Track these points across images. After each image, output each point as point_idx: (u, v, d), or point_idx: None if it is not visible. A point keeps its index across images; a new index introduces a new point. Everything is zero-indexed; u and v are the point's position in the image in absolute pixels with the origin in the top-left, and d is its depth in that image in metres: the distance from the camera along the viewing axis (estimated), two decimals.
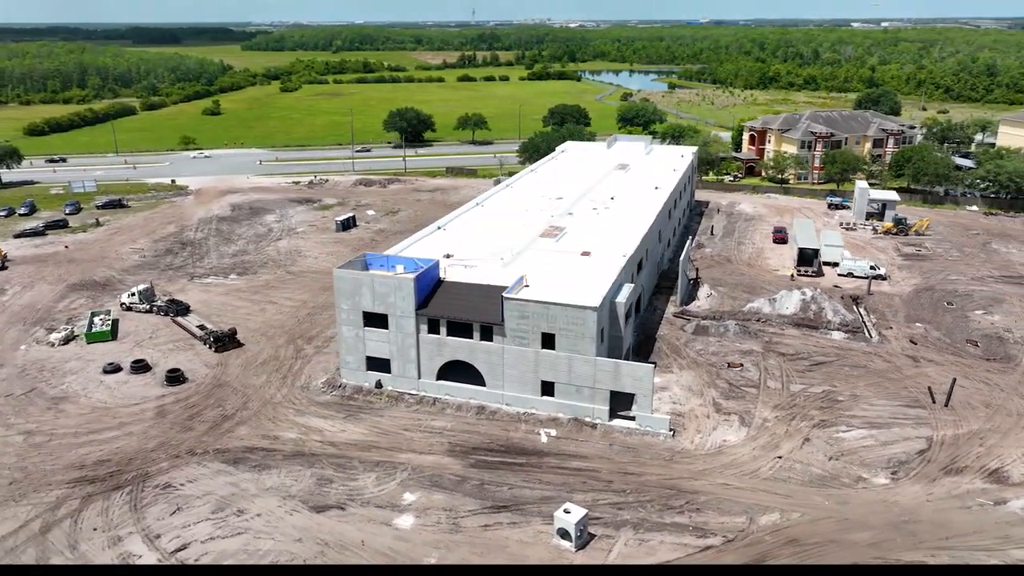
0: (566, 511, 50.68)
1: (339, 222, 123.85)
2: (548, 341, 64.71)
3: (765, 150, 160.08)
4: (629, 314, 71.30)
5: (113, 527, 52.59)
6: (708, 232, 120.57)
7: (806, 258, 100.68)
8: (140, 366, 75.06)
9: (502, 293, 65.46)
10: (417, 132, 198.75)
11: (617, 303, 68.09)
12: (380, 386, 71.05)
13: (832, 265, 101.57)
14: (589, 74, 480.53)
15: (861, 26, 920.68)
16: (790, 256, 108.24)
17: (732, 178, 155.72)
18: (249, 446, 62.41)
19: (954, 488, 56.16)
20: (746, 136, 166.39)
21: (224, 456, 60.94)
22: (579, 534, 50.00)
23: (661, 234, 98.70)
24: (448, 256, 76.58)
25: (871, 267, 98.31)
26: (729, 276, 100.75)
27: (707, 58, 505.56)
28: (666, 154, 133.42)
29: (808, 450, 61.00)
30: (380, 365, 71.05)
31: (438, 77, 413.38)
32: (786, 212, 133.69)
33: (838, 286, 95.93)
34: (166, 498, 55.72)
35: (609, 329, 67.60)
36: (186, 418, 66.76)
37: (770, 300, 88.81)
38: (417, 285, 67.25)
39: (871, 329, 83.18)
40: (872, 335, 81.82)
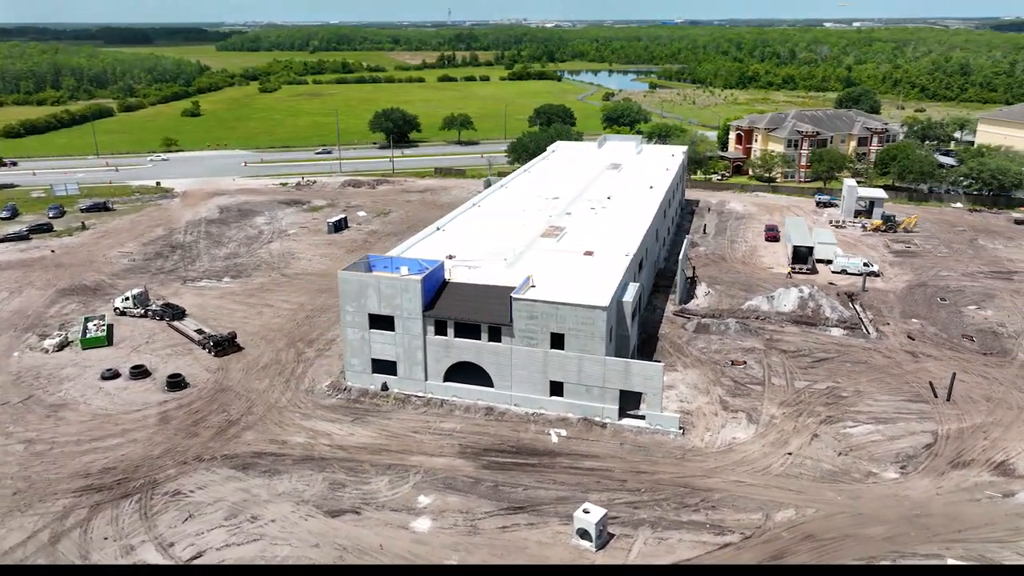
0: (585, 511, 50.67)
1: (331, 224, 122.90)
2: (557, 341, 64.68)
3: (752, 149, 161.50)
4: (634, 313, 71.54)
5: (124, 536, 51.68)
6: (701, 231, 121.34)
7: (800, 256, 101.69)
8: (139, 372, 73.87)
9: (511, 294, 65.32)
10: (403, 133, 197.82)
11: (624, 302, 68.27)
12: (386, 388, 70.58)
13: (825, 263, 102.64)
14: (568, 74, 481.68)
15: (833, 26, 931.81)
16: (783, 254, 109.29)
17: (720, 177, 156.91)
18: (257, 451, 61.67)
19: (962, 481, 56.99)
20: (732, 135, 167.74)
21: (233, 462, 60.15)
22: (599, 534, 50.04)
23: (658, 233, 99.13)
24: (450, 257, 76.25)
25: (864, 264, 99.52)
26: (725, 274, 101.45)
27: (685, 58, 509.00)
28: (657, 153, 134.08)
29: (817, 446, 61.58)
30: (386, 367, 70.56)
31: (418, 77, 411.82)
32: (775, 210, 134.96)
33: (833, 283, 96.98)
34: (176, 505, 54.89)
35: (616, 328, 67.74)
36: (190, 424, 65.81)
37: (768, 298, 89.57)
38: (424, 286, 66.90)
39: (868, 325, 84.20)
40: (870, 331, 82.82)
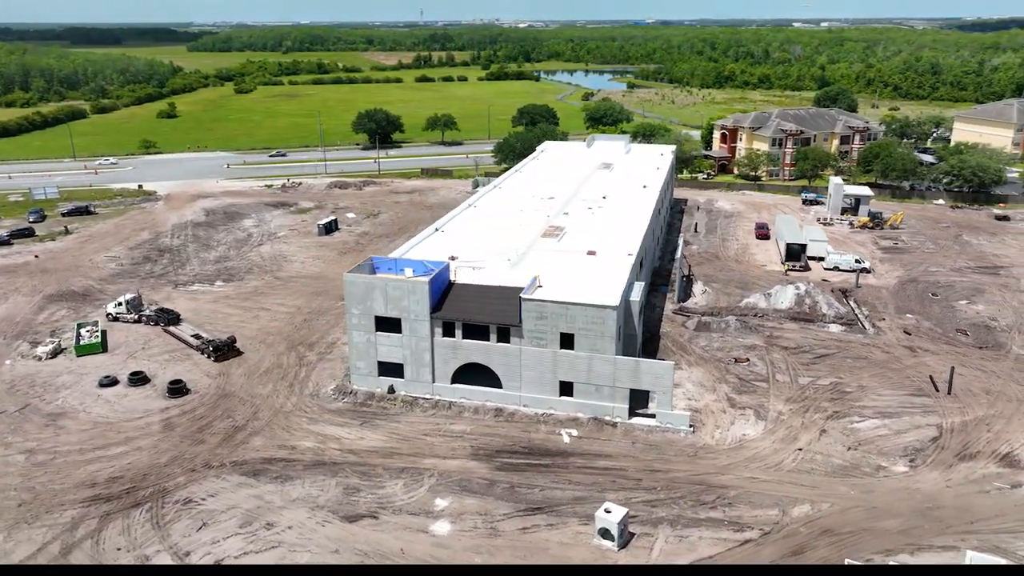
0: (607, 511, 50.70)
1: (321, 226, 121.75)
2: (567, 341, 64.67)
3: (737, 148, 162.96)
4: (640, 312, 71.76)
5: (138, 546, 50.71)
6: (692, 229, 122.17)
7: (793, 253, 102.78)
8: (138, 378, 72.52)
9: (520, 294, 65.18)
10: (386, 134, 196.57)
11: (632, 301, 68.48)
12: (393, 391, 70.05)
13: (817, 260, 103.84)
14: (545, 74, 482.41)
15: (802, 26, 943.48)
16: (775, 251, 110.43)
17: (706, 176, 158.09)
18: (267, 457, 60.86)
19: (970, 473, 57.95)
20: (717, 134, 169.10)
21: (243, 468, 59.31)
22: (621, 533, 50.09)
23: (653, 232, 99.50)
24: (453, 258, 75.84)
25: (856, 261, 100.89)
26: (720, 272, 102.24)
27: (660, 58, 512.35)
28: (645, 153, 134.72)
29: (826, 441, 62.24)
30: (392, 370, 70.03)
31: (396, 78, 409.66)
32: (763, 208, 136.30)
33: (826, 280, 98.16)
34: (189, 514, 53.97)
35: (624, 328, 67.89)
36: (196, 430, 64.76)
37: (765, 295, 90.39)
38: (431, 288, 66.50)
39: (865, 321, 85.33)
40: (866, 327, 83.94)
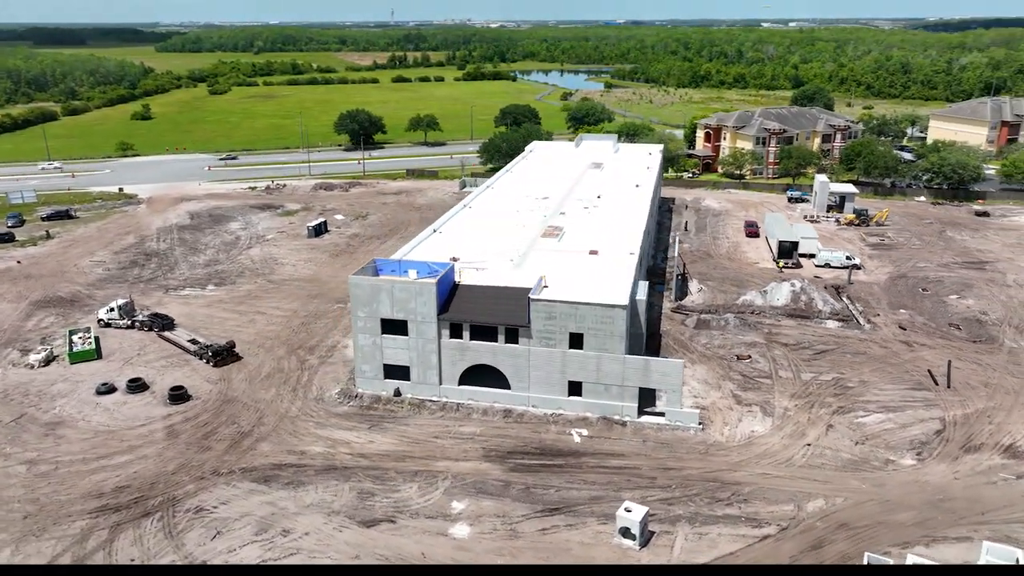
0: (627, 510, 50.78)
1: (311, 228, 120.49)
2: (576, 341, 64.67)
3: (721, 147, 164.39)
4: (645, 311, 72.01)
5: (152, 556, 49.73)
6: (682, 228, 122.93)
7: (785, 251, 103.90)
8: (137, 385, 71.14)
9: (528, 294, 65.04)
10: (368, 134, 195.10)
11: (638, 301, 68.69)
12: (399, 394, 69.51)
13: (808, 257, 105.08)
14: (521, 74, 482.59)
15: (771, 26, 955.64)
16: (765, 249, 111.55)
17: (691, 175, 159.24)
18: (276, 463, 60.05)
19: (976, 465, 58.99)
20: (701, 133, 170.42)
21: (253, 475, 58.45)
22: (642, 532, 50.18)
23: (648, 231, 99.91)
24: (455, 259, 75.47)
25: (847, 257, 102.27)
26: (714, 270, 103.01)
27: (635, 58, 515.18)
28: (634, 152, 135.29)
29: (834, 436, 62.97)
30: (398, 372, 69.50)
31: (372, 78, 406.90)
32: (749, 207, 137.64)
33: (818, 276, 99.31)
34: (202, 522, 53.06)
35: (631, 327, 68.05)
36: (201, 437, 63.69)
37: (761, 292, 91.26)
38: (438, 290, 66.11)
39: (860, 317, 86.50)
40: (862, 323, 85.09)
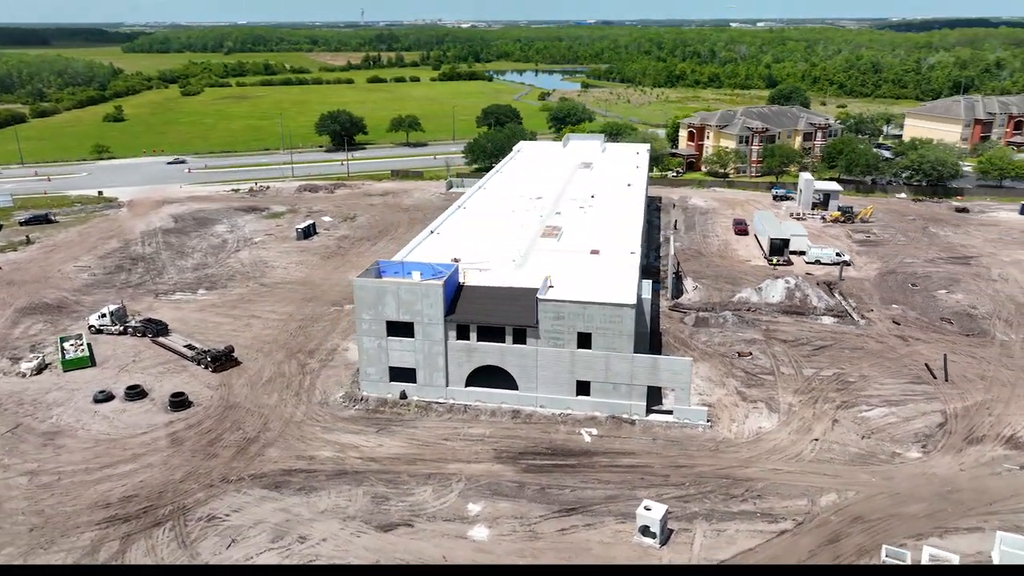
0: (647, 508, 50.92)
1: (299, 230, 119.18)
2: (584, 340, 64.72)
3: (704, 146, 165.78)
4: (649, 310, 72.32)
5: None
6: (672, 226, 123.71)
7: (776, 248, 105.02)
8: (136, 392, 69.74)
9: (536, 295, 64.95)
10: (350, 135, 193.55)
11: (644, 299, 68.92)
12: (405, 396, 69.00)
13: (799, 254, 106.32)
14: (496, 74, 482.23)
15: (739, 26, 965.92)
16: (755, 246, 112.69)
17: (675, 174, 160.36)
18: (286, 468, 59.28)
19: (980, 457, 60.12)
20: (684, 133, 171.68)
21: (263, 481, 57.63)
22: (662, 530, 50.36)
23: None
24: (456, 260, 75.09)
25: (837, 254, 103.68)
26: (707, 268, 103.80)
27: (609, 58, 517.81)
28: (621, 152, 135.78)
29: (840, 431, 63.76)
30: (404, 375, 69.00)
31: (347, 79, 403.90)
32: (735, 205, 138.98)
33: (810, 273, 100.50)
34: (215, 530, 52.18)
35: (637, 325, 68.24)
36: (206, 444, 62.65)
37: (756, 289, 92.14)
38: (444, 291, 65.74)
39: (854, 313, 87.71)
40: (855, 318, 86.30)
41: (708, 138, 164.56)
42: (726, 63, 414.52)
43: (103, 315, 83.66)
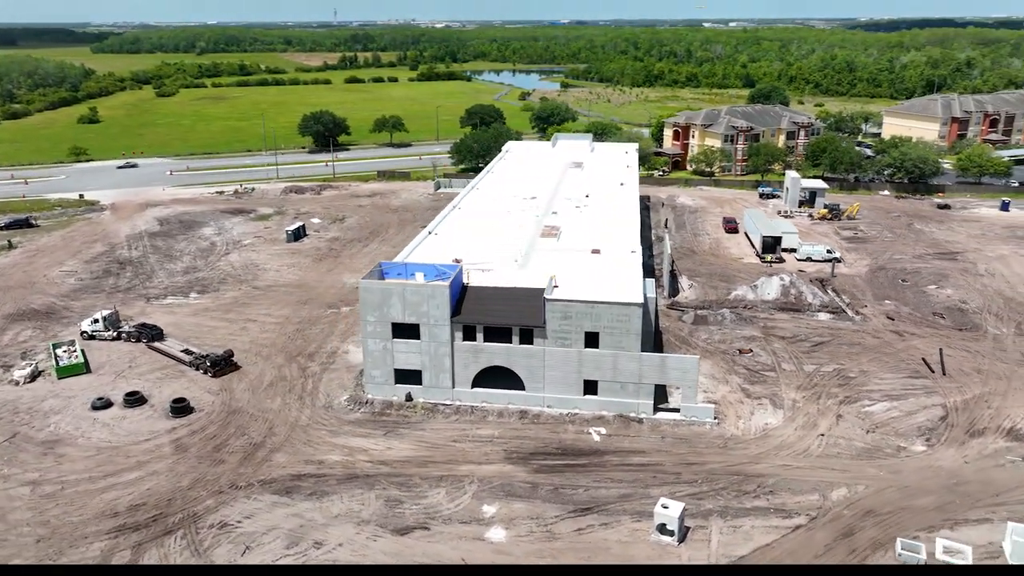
0: (664, 506, 51.08)
1: (289, 232, 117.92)
2: (591, 340, 64.79)
3: (689, 145, 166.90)
4: (652, 308, 72.58)
5: None
6: (663, 225, 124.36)
7: (768, 246, 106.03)
8: (135, 399, 68.50)
9: (543, 295, 64.90)
10: (333, 136, 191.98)
11: (649, 298, 69.18)
12: (410, 399, 68.56)
13: (790, 251, 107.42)
14: (473, 74, 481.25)
15: (712, 26, 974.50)
16: (746, 244, 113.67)
17: (661, 173, 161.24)
18: (295, 473, 58.60)
19: (983, 449, 61.16)
20: (669, 132, 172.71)
21: (273, 487, 56.91)
22: (680, 528, 50.55)
23: None
24: (457, 261, 74.83)
25: (828, 251, 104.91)
26: (700, 267, 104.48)
27: (586, 57, 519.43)
28: (610, 151, 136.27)
29: (845, 426, 64.51)
30: (409, 377, 68.56)
31: (324, 79, 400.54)
32: (723, 203, 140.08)
33: (802, 271, 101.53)
34: (228, 538, 51.43)
35: (643, 324, 68.43)
36: (211, 450, 61.74)
37: (752, 287, 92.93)
38: (451, 292, 65.45)
39: (849, 309, 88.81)
40: (851, 315, 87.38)
41: (693, 137, 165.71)
42: (703, 63, 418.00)
43: (95, 320, 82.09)
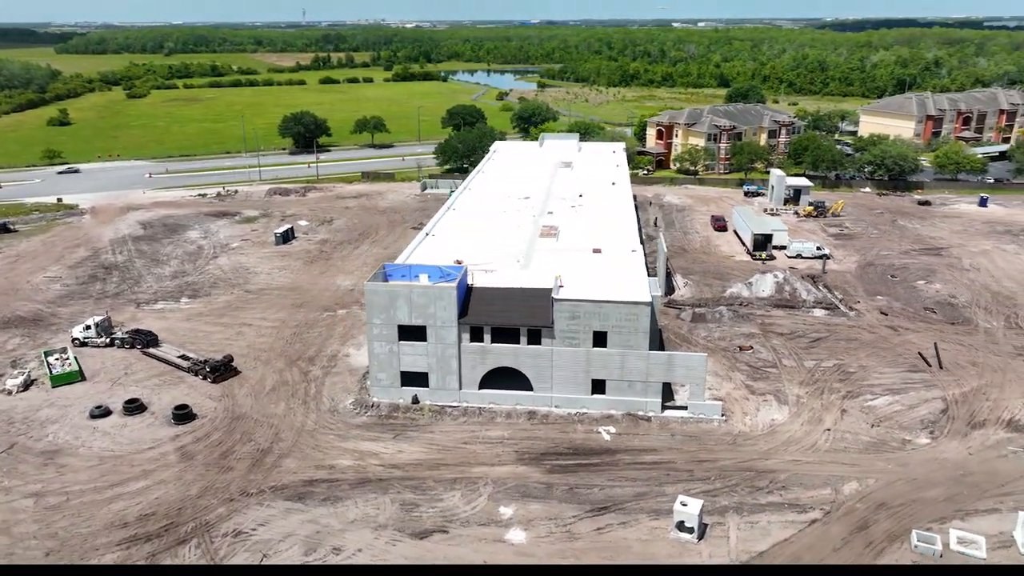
0: (683, 504, 51.30)
1: (278, 235, 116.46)
2: (599, 339, 64.87)
3: (672, 144, 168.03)
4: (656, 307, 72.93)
5: None
6: (652, 224, 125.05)
7: (759, 243, 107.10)
8: (135, 406, 67.13)
9: (551, 295, 64.84)
10: (314, 137, 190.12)
11: (655, 296, 69.45)
12: (417, 401, 68.10)
13: (780, 248, 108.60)
14: (448, 74, 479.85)
15: (681, 26, 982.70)
16: (736, 242, 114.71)
17: (645, 172, 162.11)
18: (307, 479, 57.87)
19: (985, 440, 62.36)
20: (652, 131, 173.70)
21: (285, 493, 56.14)
22: (698, 525, 50.81)
23: None
24: (459, 262, 74.47)
25: (817, 248, 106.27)
26: (693, 264, 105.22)
27: (560, 57, 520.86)
28: (598, 151, 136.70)
29: (850, 420, 65.36)
30: (415, 379, 68.07)
31: (298, 80, 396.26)
32: (709, 201, 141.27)
33: (793, 268, 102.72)
34: (244, 546, 50.62)
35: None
36: (218, 457, 60.73)
37: (747, 284, 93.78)
38: (457, 293, 65.11)
39: (842, 304, 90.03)
40: (845, 310, 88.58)
41: (677, 136, 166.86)
42: (677, 62, 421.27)
43: (87, 327, 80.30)
